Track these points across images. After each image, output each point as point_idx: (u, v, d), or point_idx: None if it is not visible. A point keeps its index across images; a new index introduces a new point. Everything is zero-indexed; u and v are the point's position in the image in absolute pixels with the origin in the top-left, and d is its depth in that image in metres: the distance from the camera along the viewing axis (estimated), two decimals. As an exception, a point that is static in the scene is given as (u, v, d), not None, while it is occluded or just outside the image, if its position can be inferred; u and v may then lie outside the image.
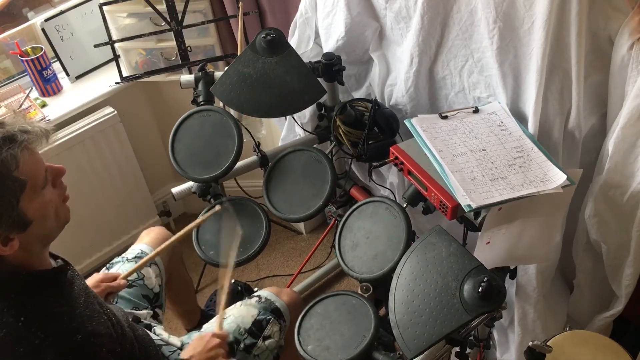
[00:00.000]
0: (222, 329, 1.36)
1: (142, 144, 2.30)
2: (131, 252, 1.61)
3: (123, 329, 1.15)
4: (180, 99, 2.11)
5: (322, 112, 1.78)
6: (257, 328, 1.45)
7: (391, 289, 1.21)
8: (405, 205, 1.39)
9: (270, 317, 1.47)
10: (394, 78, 1.62)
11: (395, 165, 1.36)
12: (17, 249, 0.98)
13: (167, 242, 1.49)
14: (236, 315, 1.47)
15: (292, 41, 1.79)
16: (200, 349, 1.27)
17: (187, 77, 1.75)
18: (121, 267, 1.53)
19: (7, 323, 0.98)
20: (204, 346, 1.28)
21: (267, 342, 1.45)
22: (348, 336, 1.30)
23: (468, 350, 1.30)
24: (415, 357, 1.12)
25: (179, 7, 1.92)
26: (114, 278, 1.40)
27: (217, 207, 1.54)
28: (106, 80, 2.10)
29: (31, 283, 1.02)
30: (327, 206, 1.60)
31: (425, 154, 1.29)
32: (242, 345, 1.42)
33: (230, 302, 1.57)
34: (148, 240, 1.64)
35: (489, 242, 1.25)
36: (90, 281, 1.36)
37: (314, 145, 1.73)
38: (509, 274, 1.42)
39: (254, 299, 1.52)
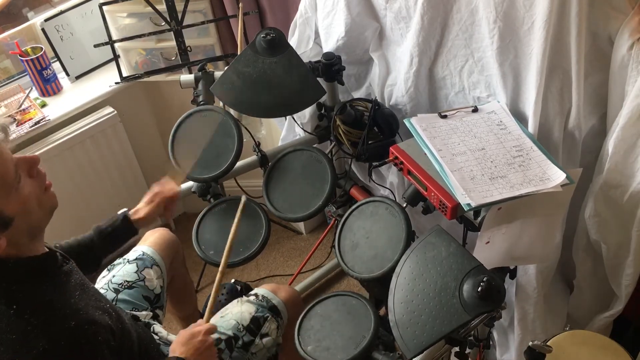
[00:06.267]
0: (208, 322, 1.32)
1: (142, 144, 2.30)
2: (133, 253, 1.60)
3: (124, 324, 1.15)
4: (180, 99, 2.12)
5: (322, 112, 1.78)
6: (254, 325, 1.45)
7: (391, 289, 1.21)
8: (405, 205, 1.39)
9: (267, 314, 1.47)
10: (393, 78, 1.62)
11: (395, 165, 1.36)
12: (5, 247, 0.97)
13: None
14: (234, 313, 1.47)
15: (292, 41, 1.78)
16: (189, 343, 1.22)
17: (187, 77, 1.75)
18: (122, 269, 1.54)
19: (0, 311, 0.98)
20: (191, 338, 1.23)
21: (265, 340, 1.45)
22: (348, 336, 1.30)
23: (468, 350, 1.30)
24: (414, 356, 1.12)
25: (179, 7, 1.92)
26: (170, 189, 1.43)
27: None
28: (106, 80, 2.10)
29: (20, 270, 1.02)
30: (327, 206, 1.60)
31: (425, 154, 1.29)
32: (240, 342, 1.42)
33: (228, 301, 1.57)
34: (151, 242, 1.63)
35: (488, 242, 1.25)
36: (146, 197, 1.44)
37: (314, 145, 1.73)
38: (508, 274, 1.41)
39: (252, 297, 1.52)
